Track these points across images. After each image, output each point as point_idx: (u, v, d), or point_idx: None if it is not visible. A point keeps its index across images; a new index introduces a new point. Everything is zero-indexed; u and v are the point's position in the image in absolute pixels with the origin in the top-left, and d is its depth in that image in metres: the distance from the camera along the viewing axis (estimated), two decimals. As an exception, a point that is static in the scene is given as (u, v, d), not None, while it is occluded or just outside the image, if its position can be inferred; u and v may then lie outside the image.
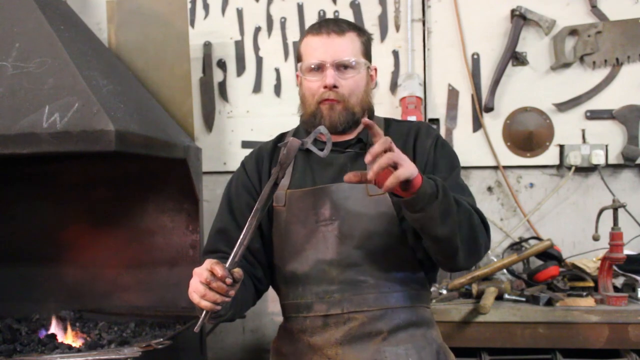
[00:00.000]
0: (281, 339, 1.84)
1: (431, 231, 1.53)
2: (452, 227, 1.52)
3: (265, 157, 1.86)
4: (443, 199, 1.48)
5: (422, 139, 1.77)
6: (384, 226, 1.69)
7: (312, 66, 1.73)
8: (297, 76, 1.82)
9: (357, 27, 1.79)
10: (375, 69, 1.84)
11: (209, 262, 1.50)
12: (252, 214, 1.50)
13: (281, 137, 1.91)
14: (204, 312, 1.52)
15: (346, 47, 1.72)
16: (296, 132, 1.87)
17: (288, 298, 1.79)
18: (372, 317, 1.70)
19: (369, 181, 1.42)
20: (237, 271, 1.49)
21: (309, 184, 1.77)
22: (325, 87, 1.71)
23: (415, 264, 1.74)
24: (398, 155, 1.41)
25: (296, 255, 1.73)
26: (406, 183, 1.42)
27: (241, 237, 1.50)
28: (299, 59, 1.80)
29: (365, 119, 1.47)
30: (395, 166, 1.40)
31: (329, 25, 1.74)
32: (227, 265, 1.48)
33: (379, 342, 1.70)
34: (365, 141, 1.77)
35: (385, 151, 1.39)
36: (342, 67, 1.72)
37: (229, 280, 1.46)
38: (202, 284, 1.47)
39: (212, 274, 1.46)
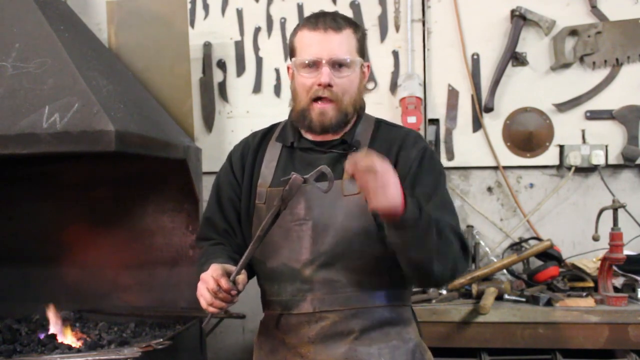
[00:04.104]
0: (261, 335, 1.86)
1: (404, 254, 1.58)
2: (425, 254, 1.55)
3: (250, 151, 1.86)
4: (423, 228, 1.51)
5: (408, 149, 1.75)
6: (359, 226, 1.69)
7: (307, 62, 1.71)
8: (289, 68, 1.80)
9: (353, 23, 1.77)
10: (368, 66, 1.83)
11: (215, 271, 1.58)
12: (253, 240, 1.58)
13: (271, 128, 1.91)
14: (211, 314, 1.62)
15: (342, 44, 1.71)
16: (284, 127, 1.86)
17: (266, 295, 1.81)
18: (344, 316, 1.71)
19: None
20: (242, 281, 1.58)
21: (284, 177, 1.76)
22: (320, 84, 1.70)
23: (392, 264, 1.71)
24: (383, 180, 1.44)
25: (272, 253, 1.75)
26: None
27: (244, 257, 1.58)
28: (292, 52, 1.78)
29: (347, 170, 1.49)
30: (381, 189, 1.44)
31: (326, 20, 1.71)
32: (231, 277, 1.57)
33: (351, 341, 1.71)
34: (349, 142, 1.77)
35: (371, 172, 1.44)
36: (337, 64, 1.70)
37: (234, 292, 1.57)
38: (209, 292, 1.57)
39: (219, 285, 1.55)
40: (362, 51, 1.78)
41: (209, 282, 1.56)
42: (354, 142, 1.76)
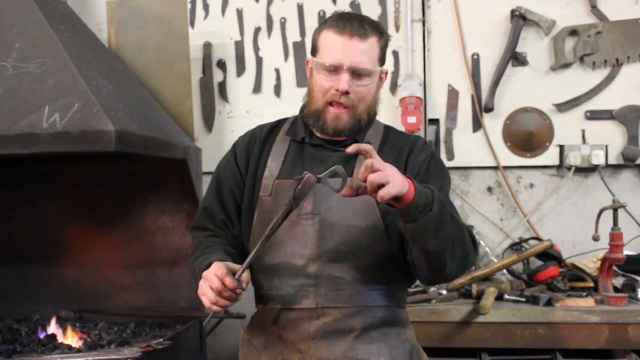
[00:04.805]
0: (252, 330, 1.84)
1: (423, 243, 1.55)
2: (443, 242, 1.54)
3: (257, 142, 1.86)
4: (438, 211, 1.50)
5: (417, 153, 1.78)
6: (366, 224, 1.70)
7: (328, 65, 1.71)
8: (307, 62, 1.79)
9: (379, 30, 1.76)
10: (386, 72, 1.83)
11: (219, 269, 1.57)
12: (262, 238, 1.57)
13: (278, 123, 1.91)
14: (213, 312, 1.61)
15: (365, 53, 1.70)
16: (294, 122, 1.86)
17: (263, 288, 1.79)
18: (347, 314, 1.71)
19: (364, 192, 1.48)
20: (246, 279, 1.58)
21: (297, 176, 1.76)
22: (338, 90, 1.70)
23: (395, 264, 1.73)
24: (384, 174, 1.43)
25: (275, 246, 1.73)
26: (397, 198, 1.45)
27: (250, 255, 1.58)
28: (314, 48, 1.78)
29: (350, 148, 1.50)
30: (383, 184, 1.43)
31: (353, 26, 1.70)
32: (236, 275, 1.56)
33: (351, 339, 1.70)
34: (360, 142, 1.77)
35: (373, 170, 1.43)
36: (357, 73, 1.71)
37: (239, 291, 1.56)
38: (212, 291, 1.55)
39: (223, 283, 1.54)
40: (383, 58, 1.78)
41: (213, 280, 1.55)
42: (365, 144, 1.76)
